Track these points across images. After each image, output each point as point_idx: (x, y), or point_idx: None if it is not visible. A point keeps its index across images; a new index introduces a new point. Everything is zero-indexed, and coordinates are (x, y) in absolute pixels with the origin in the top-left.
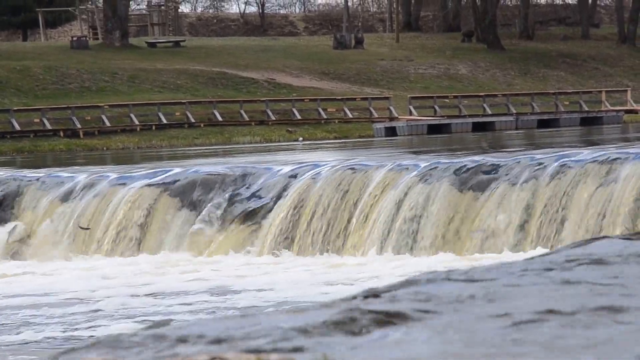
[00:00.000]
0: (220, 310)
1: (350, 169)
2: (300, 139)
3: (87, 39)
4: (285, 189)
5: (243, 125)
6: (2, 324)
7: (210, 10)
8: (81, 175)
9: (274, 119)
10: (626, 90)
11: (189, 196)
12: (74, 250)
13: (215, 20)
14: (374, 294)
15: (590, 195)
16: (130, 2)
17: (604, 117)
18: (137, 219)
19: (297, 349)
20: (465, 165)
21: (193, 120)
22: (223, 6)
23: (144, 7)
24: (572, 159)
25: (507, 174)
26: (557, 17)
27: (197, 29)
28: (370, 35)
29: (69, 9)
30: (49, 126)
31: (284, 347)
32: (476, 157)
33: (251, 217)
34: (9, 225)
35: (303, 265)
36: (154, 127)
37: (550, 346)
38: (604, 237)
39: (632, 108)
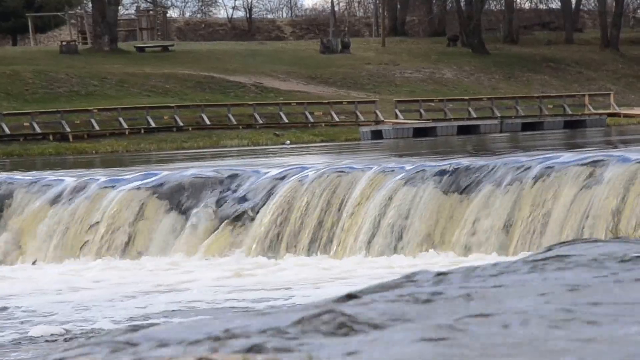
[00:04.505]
0: (212, 312)
1: (337, 171)
2: (288, 142)
3: (77, 43)
4: (272, 191)
5: (231, 128)
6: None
7: (198, 15)
8: (70, 178)
9: (262, 122)
10: (609, 94)
11: (178, 199)
12: (63, 253)
13: (203, 25)
14: (359, 295)
15: (574, 197)
16: (119, 7)
17: (587, 121)
18: (126, 221)
19: (283, 350)
20: (450, 168)
21: (181, 124)
22: (211, 11)
23: (133, 12)
24: (556, 161)
25: (491, 177)
26: (541, 21)
27: (185, 34)
28: (357, 39)
29: (59, 14)
30: (38, 130)
31: (270, 347)
32: (461, 160)
33: (239, 218)
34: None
35: (290, 266)
36: (142, 131)
37: (531, 348)
38: (586, 239)
39: (615, 112)
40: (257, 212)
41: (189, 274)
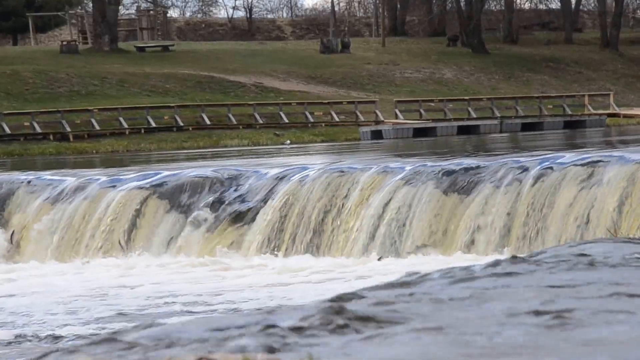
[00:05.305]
0: (209, 312)
1: (337, 171)
2: (288, 142)
3: (77, 43)
4: (273, 191)
5: (231, 128)
6: None
7: (199, 15)
8: (71, 178)
9: (262, 122)
10: (609, 94)
11: (178, 198)
12: (63, 252)
13: (203, 25)
14: (358, 295)
15: (574, 198)
16: (119, 7)
17: (587, 121)
18: (126, 221)
19: (283, 349)
20: (449, 168)
21: (181, 124)
22: (211, 11)
23: (133, 12)
24: (555, 161)
25: (491, 177)
26: (541, 21)
27: (186, 34)
28: (357, 39)
29: (59, 13)
30: (39, 130)
31: (269, 346)
32: (461, 160)
33: (239, 219)
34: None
35: (290, 266)
36: (142, 131)
37: (531, 348)
38: (586, 240)
39: (614, 112)
40: (257, 212)
41: (189, 274)
